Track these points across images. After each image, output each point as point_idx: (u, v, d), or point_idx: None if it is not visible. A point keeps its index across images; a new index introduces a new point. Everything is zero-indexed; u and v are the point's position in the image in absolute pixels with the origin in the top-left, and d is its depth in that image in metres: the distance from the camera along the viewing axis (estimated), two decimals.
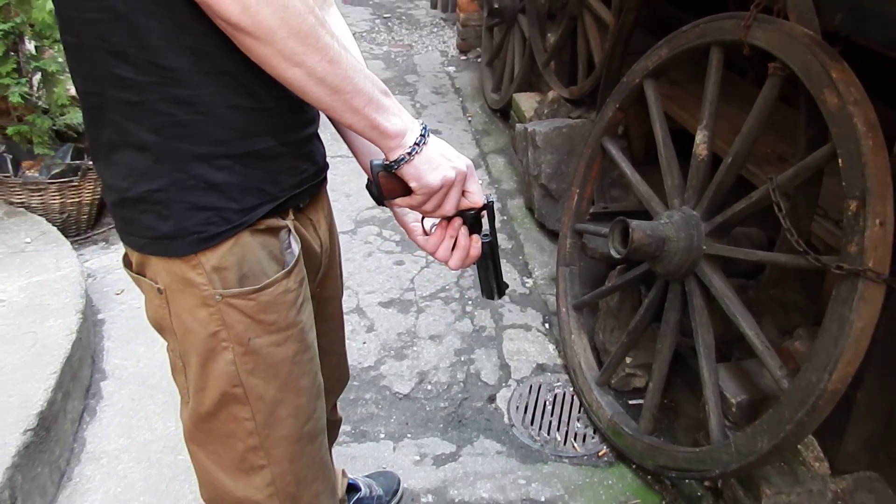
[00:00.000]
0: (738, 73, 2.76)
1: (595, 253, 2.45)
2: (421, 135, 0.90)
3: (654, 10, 2.94)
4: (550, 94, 3.42)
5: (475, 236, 1.05)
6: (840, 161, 1.46)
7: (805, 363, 1.48)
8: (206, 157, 0.84)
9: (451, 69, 5.31)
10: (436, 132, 4.28)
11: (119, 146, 0.84)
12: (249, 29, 0.73)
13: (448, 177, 0.92)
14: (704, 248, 1.80)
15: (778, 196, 1.63)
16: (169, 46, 0.78)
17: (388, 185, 0.94)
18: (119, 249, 2.58)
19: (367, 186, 0.97)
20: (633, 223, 1.82)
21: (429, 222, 1.05)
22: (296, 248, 0.96)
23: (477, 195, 0.98)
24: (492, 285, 1.12)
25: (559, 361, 2.42)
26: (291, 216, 0.97)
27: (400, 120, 0.88)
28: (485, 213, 1.05)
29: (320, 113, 0.95)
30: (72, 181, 2.52)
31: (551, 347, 2.49)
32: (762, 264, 1.93)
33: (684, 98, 2.51)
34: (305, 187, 0.98)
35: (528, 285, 2.82)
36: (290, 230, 0.96)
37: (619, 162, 2.20)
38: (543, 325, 2.60)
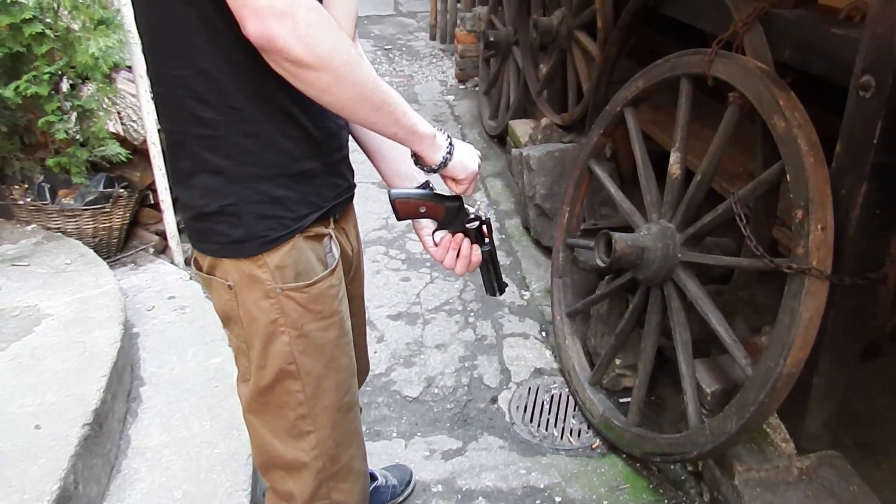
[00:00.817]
0: (717, 98, 3.00)
1: (586, 265, 2.69)
2: (445, 136, 1.13)
3: (639, 40, 3.19)
4: (543, 121, 3.67)
5: (475, 246, 1.28)
6: (788, 176, 1.69)
7: (764, 351, 1.69)
8: (269, 176, 1.06)
9: (451, 98, 5.58)
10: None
11: (197, 172, 1.06)
12: (313, 63, 0.92)
13: (478, 161, 1.17)
14: (679, 256, 2.02)
15: (739, 208, 1.85)
16: (238, 92, 1.00)
17: (405, 207, 1.17)
18: (147, 271, 2.82)
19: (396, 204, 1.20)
20: (616, 235, 2.04)
21: (437, 235, 1.27)
22: (336, 252, 1.18)
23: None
24: (493, 285, 1.35)
25: (555, 365, 2.63)
26: (332, 226, 1.19)
27: (426, 124, 1.11)
28: (484, 226, 1.28)
29: (348, 139, 1.18)
30: (104, 208, 2.75)
31: (548, 353, 2.70)
32: (733, 269, 2.15)
33: (666, 122, 2.75)
34: (341, 199, 1.20)
35: (525, 297, 3.03)
36: (331, 237, 1.18)
37: (603, 181, 2.44)
38: (540, 333, 2.81)
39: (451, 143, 1.14)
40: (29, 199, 2.65)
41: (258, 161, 1.05)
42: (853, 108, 1.58)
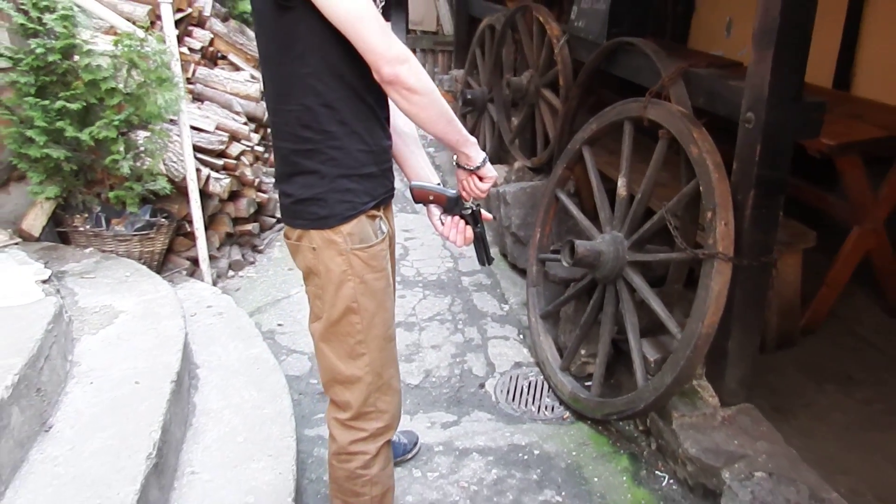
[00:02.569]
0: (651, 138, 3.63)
1: (555, 277, 3.25)
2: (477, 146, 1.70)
3: (598, 97, 3.84)
4: (516, 164, 4.28)
5: (469, 227, 1.82)
6: (701, 188, 2.28)
7: (688, 319, 2.25)
8: (346, 175, 1.59)
9: (431, 150, 6.20)
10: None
11: (297, 173, 1.59)
12: (420, 90, 1.46)
13: (494, 174, 1.74)
14: (627, 257, 2.59)
15: (669, 217, 2.44)
16: (331, 122, 1.54)
17: (420, 194, 1.73)
18: (184, 288, 3.31)
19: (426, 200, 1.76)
20: (578, 242, 2.61)
21: (443, 218, 1.81)
22: (384, 228, 1.71)
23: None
24: (483, 257, 1.89)
25: (531, 360, 3.15)
26: (381, 212, 1.73)
27: (472, 137, 1.66)
28: (476, 213, 1.83)
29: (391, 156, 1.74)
30: (149, 234, 3.25)
31: (525, 351, 3.22)
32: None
33: (617, 163, 3.35)
34: (387, 195, 1.73)
35: (504, 309, 3.57)
36: (381, 218, 1.71)
37: (567, 204, 3.03)
38: (518, 335, 3.34)
39: (486, 154, 1.71)
40: (88, 227, 3.14)
41: (339, 165, 1.59)
42: (742, 137, 2.19)
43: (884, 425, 2.57)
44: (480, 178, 1.74)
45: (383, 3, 1.58)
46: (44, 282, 2.35)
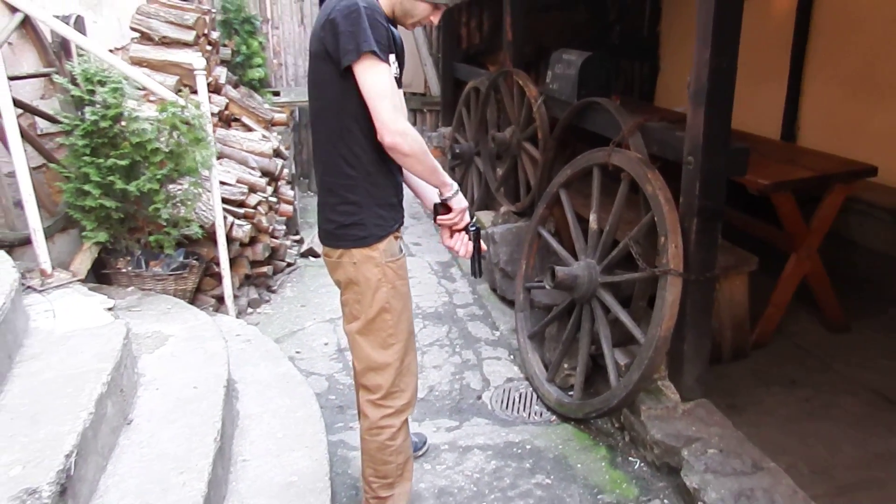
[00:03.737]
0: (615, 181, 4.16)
1: (539, 303, 3.73)
2: (456, 187, 2.16)
3: (572, 148, 4.38)
4: (502, 209, 4.80)
5: (470, 242, 2.29)
6: (655, 218, 2.79)
7: (649, 326, 2.73)
8: (380, 205, 2.06)
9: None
10: (416, 245, 5.60)
11: (341, 203, 2.05)
12: (411, 154, 1.93)
13: (465, 205, 2.20)
14: (599, 279, 3.08)
15: (632, 244, 2.94)
16: (371, 163, 2.00)
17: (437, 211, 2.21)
18: (213, 320, 3.68)
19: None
20: (557, 268, 3.10)
21: (452, 234, 2.27)
22: (403, 247, 2.19)
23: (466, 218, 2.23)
24: (475, 269, 2.35)
25: (521, 375, 3.59)
26: (399, 234, 2.20)
27: (449, 179, 2.12)
28: (477, 232, 2.31)
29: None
30: (182, 274, 3.69)
31: (515, 368, 3.67)
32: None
33: (588, 202, 3.88)
34: (403, 221, 2.21)
35: (496, 335, 4.03)
36: (400, 238, 2.19)
37: (547, 238, 3.53)
38: (509, 356, 3.79)
39: (457, 191, 2.18)
40: (130, 268, 3.59)
41: (375, 197, 2.06)
42: (685, 176, 2.71)
43: (818, 417, 3.03)
44: (449, 209, 2.18)
45: (398, 70, 2.09)
46: (108, 309, 2.78)
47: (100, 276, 3.67)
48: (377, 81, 1.89)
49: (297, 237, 5.43)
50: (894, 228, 4.26)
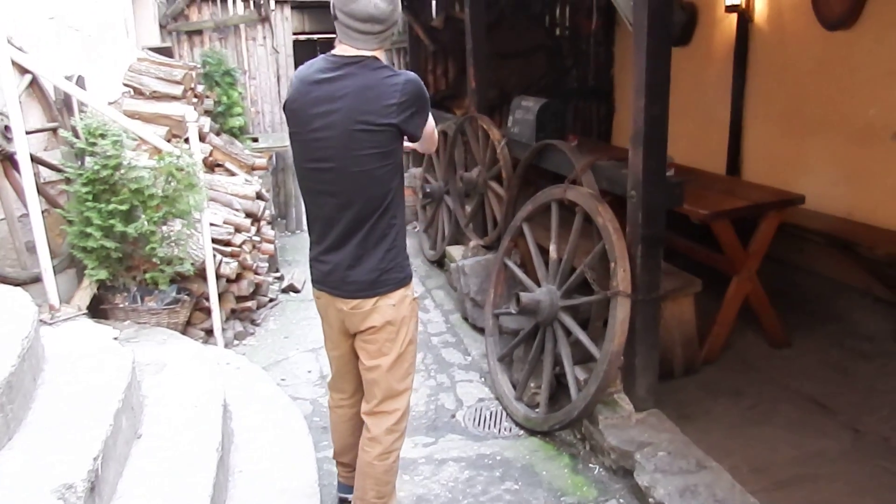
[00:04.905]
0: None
1: (507, 329, 4.04)
2: None
3: (535, 185, 4.76)
4: (471, 244, 5.15)
5: None
6: (606, 246, 3.14)
7: (604, 342, 3.06)
8: (404, 247, 2.32)
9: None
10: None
11: (376, 249, 2.26)
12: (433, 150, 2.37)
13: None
14: (559, 303, 3.42)
15: (587, 270, 3.29)
16: (402, 210, 2.28)
17: None
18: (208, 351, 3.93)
19: None
20: (522, 293, 3.44)
21: None
22: None
23: None
24: None
25: (492, 395, 3.89)
26: None
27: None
28: None
29: None
30: (175, 308, 3.96)
31: (486, 389, 3.97)
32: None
33: (548, 234, 4.24)
34: None
35: (468, 360, 4.34)
36: None
37: (512, 268, 3.87)
38: (480, 379, 4.09)
39: None
40: (127, 303, 3.85)
41: (404, 239, 2.33)
42: (630, 208, 3.08)
43: (760, 422, 3.38)
44: None
45: None
46: (114, 338, 3.05)
47: (96, 310, 3.92)
48: (430, 124, 2.29)
49: (277, 274, 5.71)
50: (828, 251, 4.69)
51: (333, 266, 2.27)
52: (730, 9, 5.51)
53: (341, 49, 2.13)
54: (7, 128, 3.24)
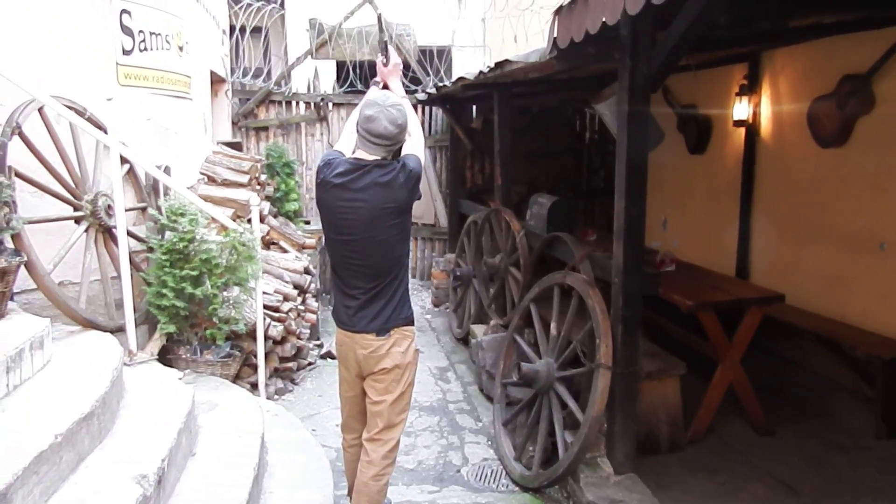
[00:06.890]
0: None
1: (513, 398, 4.55)
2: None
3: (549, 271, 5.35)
4: (492, 322, 5.72)
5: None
6: (594, 326, 3.68)
7: (587, 408, 3.56)
8: (407, 290, 2.97)
9: (429, 317, 7.66)
10: (420, 352, 6.47)
11: (391, 299, 2.89)
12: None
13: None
14: (555, 374, 3.94)
15: (578, 345, 3.82)
16: (402, 274, 2.93)
17: None
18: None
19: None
20: (523, 364, 3.98)
21: None
22: None
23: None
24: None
25: (495, 456, 4.36)
26: None
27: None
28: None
29: None
30: (227, 362, 4.59)
31: (491, 451, 4.45)
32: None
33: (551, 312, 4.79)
34: None
35: (479, 425, 4.83)
36: None
37: (521, 343, 4.41)
38: (487, 441, 4.58)
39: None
40: (189, 355, 4.51)
41: (407, 294, 2.95)
42: (613, 292, 3.63)
43: (728, 497, 3.77)
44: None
45: None
46: (180, 379, 3.69)
47: (163, 359, 4.59)
48: (417, 129, 2.98)
49: (318, 342, 6.34)
50: (818, 349, 5.11)
51: (355, 309, 2.88)
52: (737, 123, 6.14)
53: (360, 153, 2.79)
54: (110, 206, 4.01)
